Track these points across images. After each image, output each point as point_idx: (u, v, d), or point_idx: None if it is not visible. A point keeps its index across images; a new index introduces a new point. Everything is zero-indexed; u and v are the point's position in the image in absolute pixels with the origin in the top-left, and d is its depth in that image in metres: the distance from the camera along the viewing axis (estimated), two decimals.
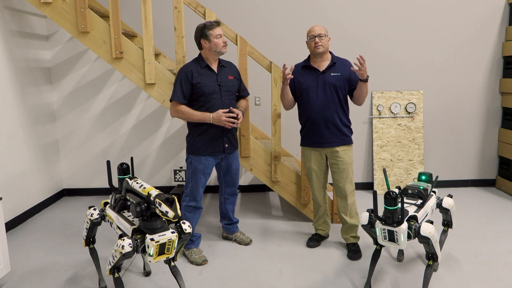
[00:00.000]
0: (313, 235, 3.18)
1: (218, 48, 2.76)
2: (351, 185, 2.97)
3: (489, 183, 4.53)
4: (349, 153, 2.94)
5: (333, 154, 2.92)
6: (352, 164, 2.96)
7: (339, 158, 2.91)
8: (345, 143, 2.91)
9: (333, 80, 2.84)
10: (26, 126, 3.73)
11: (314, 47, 2.82)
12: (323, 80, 2.85)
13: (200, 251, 2.90)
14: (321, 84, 2.85)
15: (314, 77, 2.88)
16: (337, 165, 2.93)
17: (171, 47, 4.16)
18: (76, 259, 2.93)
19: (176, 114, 2.80)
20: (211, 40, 2.74)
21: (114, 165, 4.39)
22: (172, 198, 1.97)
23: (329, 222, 3.19)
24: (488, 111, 4.41)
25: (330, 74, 2.85)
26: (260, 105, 4.32)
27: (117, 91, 4.28)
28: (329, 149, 2.92)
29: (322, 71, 2.86)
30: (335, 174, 2.97)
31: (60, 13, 3.13)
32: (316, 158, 2.98)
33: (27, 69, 3.77)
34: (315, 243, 3.09)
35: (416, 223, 2.16)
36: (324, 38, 2.80)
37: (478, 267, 2.71)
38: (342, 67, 2.88)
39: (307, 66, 2.92)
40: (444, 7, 4.21)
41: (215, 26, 2.74)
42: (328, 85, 2.84)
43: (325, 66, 2.87)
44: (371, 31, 4.23)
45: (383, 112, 4.35)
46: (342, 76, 2.85)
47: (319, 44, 2.79)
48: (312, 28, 2.84)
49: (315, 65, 2.90)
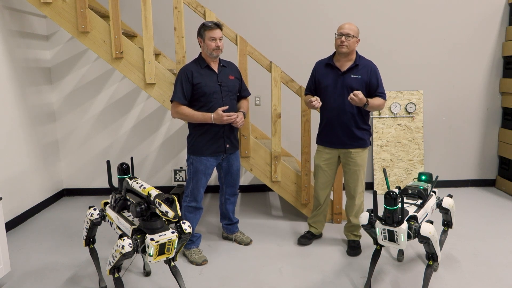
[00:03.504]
0: (306, 232, 3.18)
1: (209, 50, 2.75)
2: (361, 187, 2.96)
3: (489, 183, 4.53)
4: (363, 156, 2.91)
5: (346, 155, 2.91)
6: (365, 166, 2.94)
7: (351, 160, 2.90)
8: (358, 146, 2.88)
9: (353, 83, 2.78)
10: (26, 126, 3.73)
11: (338, 45, 2.76)
12: (342, 81, 2.81)
13: (200, 251, 2.90)
14: (340, 85, 2.81)
15: (334, 77, 2.83)
16: (348, 165, 2.92)
17: (171, 47, 4.16)
18: (76, 259, 2.93)
19: (177, 116, 2.79)
20: (205, 41, 2.75)
21: (114, 165, 4.39)
22: (172, 198, 1.97)
23: (324, 223, 3.18)
24: (488, 111, 4.41)
25: (350, 76, 2.79)
26: (260, 105, 4.32)
27: (117, 91, 4.28)
28: (343, 150, 2.91)
29: (343, 72, 2.81)
30: (346, 174, 2.97)
31: (60, 13, 3.13)
32: (328, 157, 2.96)
33: (27, 69, 3.77)
34: (306, 241, 3.10)
35: (416, 223, 2.16)
36: (352, 39, 2.73)
37: (478, 267, 2.71)
38: (364, 69, 2.81)
39: (329, 64, 2.87)
40: (444, 7, 4.21)
41: (212, 28, 2.72)
42: (347, 88, 2.79)
43: (347, 66, 2.81)
44: (371, 31, 4.23)
45: (383, 112, 4.34)
46: (362, 79, 2.79)
47: (344, 43, 2.73)
48: (342, 25, 2.76)
49: (338, 64, 2.84)
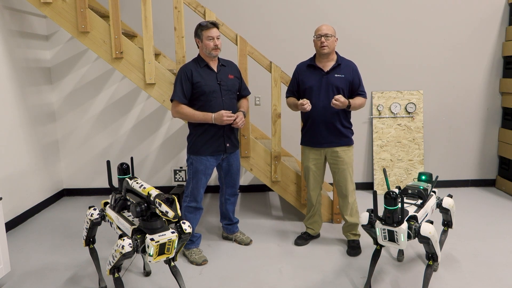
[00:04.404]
0: (303, 233, 3.19)
1: (208, 50, 2.76)
2: (351, 185, 2.97)
3: (489, 183, 4.53)
4: (349, 153, 2.94)
5: (332, 154, 2.93)
6: (352, 164, 2.97)
7: (339, 158, 2.91)
8: (344, 144, 2.91)
9: (337, 82, 2.83)
10: (26, 126, 3.73)
11: (320, 47, 2.81)
12: (326, 80, 2.85)
13: (200, 251, 2.90)
14: (324, 84, 2.85)
15: (318, 77, 2.87)
16: (337, 165, 2.93)
17: (171, 47, 4.16)
18: (76, 259, 2.93)
19: (177, 115, 2.80)
20: (203, 41, 2.75)
21: (114, 165, 4.39)
22: (172, 198, 1.97)
23: (320, 223, 3.19)
24: (488, 111, 4.41)
25: (334, 75, 2.84)
26: (260, 105, 4.32)
27: (117, 91, 4.28)
28: (329, 149, 2.93)
29: (326, 72, 2.86)
30: (336, 174, 2.97)
31: (60, 13, 3.13)
32: (315, 157, 2.98)
33: (27, 69, 3.77)
34: (303, 242, 3.11)
35: (416, 223, 2.16)
36: (331, 38, 2.79)
37: (478, 267, 2.71)
38: (346, 68, 2.87)
39: (311, 65, 2.92)
40: (444, 7, 4.21)
41: (209, 27, 2.73)
42: (331, 86, 2.84)
43: (330, 66, 2.86)
44: (371, 31, 4.23)
45: (383, 112, 4.35)
46: (345, 78, 2.85)
47: (324, 44, 2.78)
48: (320, 27, 2.82)
49: (320, 65, 2.89)
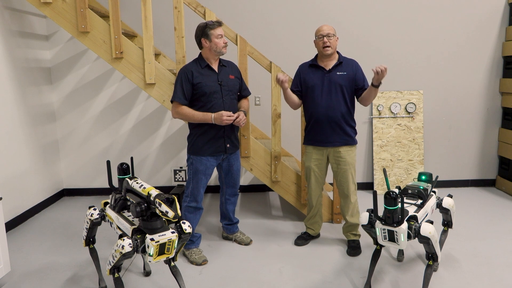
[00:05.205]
0: (303, 233, 3.19)
1: (218, 48, 2.76)
2: (353, 185, 2.97)
3: (489, 183, 4.53)
4: (352, 154, 2.93)
5: (335, 154, 2.92)
6: (355, 164, 2.96)
7: (341, 159, 2.91)
8: (348, 143, 2.90)
9: (339, 80, 2.84)
10: (26, 126, 3.73)
11: (322, 47, 2.82)
12: (329, 79, 2.85)
13: (200, 251, 2.90)
14: (327, 83, 2.85)
15: (321, 76, 2.88)
16: (339, 165, 2.93)
17: (171, 47, 4.16)
18: (76, 259, 2.93)
19: (177, 116, 2.79)
20: (212, 40, 2.74)
21: (114, 165, 4.39)
22: (172, 198, 1.97)
23: (320, 223, 3.19)
24: (488, 111, 4.41)
25: (336, 73, 2.85)
26: (260, 105, 4.32)
27: (117, 91, 4.28)
28: (332, 149, 2.92)
29: (328, 70, 2.86)
30: (337, 174, 2.97)
31: (60, 13, 3.13)
32: (317, 157, 2.98)
33: (27, 69, 3.77)
34: (303, 242, 3.11)
35: (416, 223, 2.16)
36: (333, 38, 2.80)
37: (478, 267, 2.71)
38: (348, 66, 2.87)
39: (314, 65, 2.92)
40: (444, 7, 4.21)
41: (216, 26, 2.74)
42: (334, 84, 2.84)
43: (332, 65, 2.87)
44: (371, 31, 4.23)
45: (383, 112, 4.35)
46: (348, 75, 2.85)
47: (327, 43, 2.78)
48: (321, 27, 2.83)
49: (322, 64, 2.90)
